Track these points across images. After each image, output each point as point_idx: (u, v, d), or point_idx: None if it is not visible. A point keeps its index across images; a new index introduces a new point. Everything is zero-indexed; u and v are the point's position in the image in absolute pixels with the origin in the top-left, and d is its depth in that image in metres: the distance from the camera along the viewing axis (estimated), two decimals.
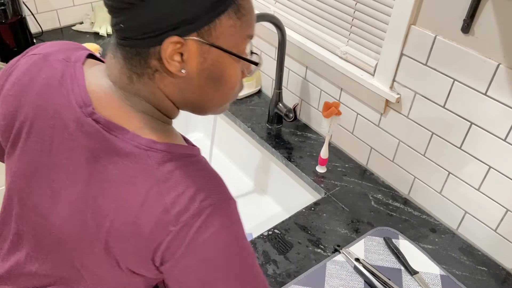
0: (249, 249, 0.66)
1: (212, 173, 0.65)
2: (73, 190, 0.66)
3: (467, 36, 0.96)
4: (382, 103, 1.20)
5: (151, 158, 0.62)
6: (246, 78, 0.82)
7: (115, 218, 0.63)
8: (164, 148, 0.63)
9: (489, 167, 1.04)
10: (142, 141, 0.62)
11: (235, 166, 1.65)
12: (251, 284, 0.65)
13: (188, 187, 0.61)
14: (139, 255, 0.63)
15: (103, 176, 0.63)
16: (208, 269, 0.62)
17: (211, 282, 0.62)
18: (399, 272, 1.03)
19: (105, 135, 0.63)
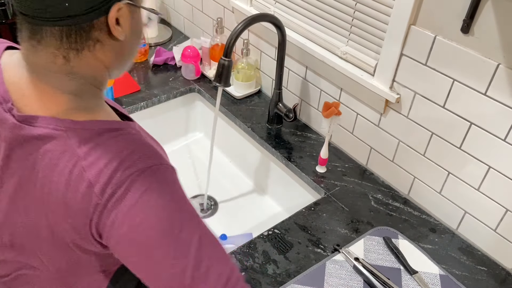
0: (187, 213, 0.66)
1: (138, 143, 0.67)
2: (9, 185, 0.69)
3: (467, 36, 0.97)
4: (382, 103, 1.20)
5: (71, 138, 0.64)
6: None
7: (48, 203, 0.65)
8: (84, 127, 0.65)
9: (488, 167, 1.04)
10: (61, 123, 0.65)
11: (235, 166, 1.65)
12: (192, 248, 0.64)
13: (111, 159, 0.63)
14: (80, 232, 0.65)
15: (29, 164, 0.66)
16: (139, 234, 0.62)
17: (146, 248, 0.63)
18: (399, 272, 1.04)
19: (23, 126, 0.65)
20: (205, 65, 1.73)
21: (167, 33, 2.01)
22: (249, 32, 1.59)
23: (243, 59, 1.58)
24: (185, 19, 1.97)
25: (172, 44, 1.93)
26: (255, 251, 1.08)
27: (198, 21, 1.87)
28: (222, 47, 1.61)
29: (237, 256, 1.06)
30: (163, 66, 1.77)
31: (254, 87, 1.65)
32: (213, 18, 1.76)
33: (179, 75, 1.73)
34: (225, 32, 1.67)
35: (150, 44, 1.83)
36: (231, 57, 1.20)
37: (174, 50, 1.79)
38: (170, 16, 2.09)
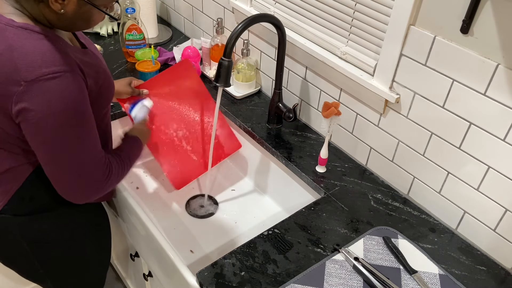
0: (82, 117, 0.92)
1: (58, 50, 0.88)
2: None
3: (466, 37, 0.97)
4: (382, 103, 1.21)
5: (8, 30, 0.87)
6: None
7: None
8: (20, 25, 0.88)
9: (488, 167, 1.04)
10: (3, 19, 0.88)
11: (235, 166, 1.65)
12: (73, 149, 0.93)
13: (35, 55, 0.86)
14: (1, 102, 0.88)
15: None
16: (42, 118, 0.87)
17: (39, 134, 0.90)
18: (398, 272, 1.04)
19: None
20: (205, 65, 1.74)
21: (167, 33, 2.01)
22: (249, 32, 1.59)
23: (243, 59, 1.59)
24: (185, 20, 1.97)
25: (173, 44, 1.93)
26: (255, 251, 1.08)
27: (198, 22, 1.87)
28: (222, 47, 1.61)
29: (237, 256, 1.07)
30: (163, 66, 1.77)
31: (254, 87, 1.65)
32: (213, 18, 1.76)
33: None
34: (225, 33, 1.68)
35: (150, 44, 1.84)
36: (231, 57, 1.21)
37: (175, 50, 1.80)
38: (170, 16, 2.09)
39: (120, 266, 1.85)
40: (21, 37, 0.87)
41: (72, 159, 0.94)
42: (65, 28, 0.94)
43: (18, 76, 0.85)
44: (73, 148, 0.93)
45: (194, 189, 1.56)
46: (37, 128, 0.89)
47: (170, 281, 1.22)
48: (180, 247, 1.35)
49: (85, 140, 0.95)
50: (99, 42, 1.90)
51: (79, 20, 0.92)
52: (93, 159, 0.97)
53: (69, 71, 0.89)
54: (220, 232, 1.41)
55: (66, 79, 0.88)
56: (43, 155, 0.94)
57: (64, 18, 0.90)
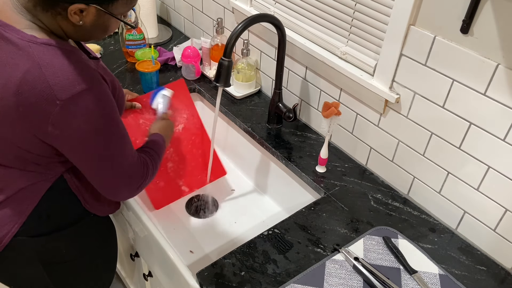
0: (117, 126, 0.94)
1: (85, 65, 0.89)
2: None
3: (466, 37, 0.97)
4: (382, 103, 1.21)
5: (32, 47, 0.85)
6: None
7: (3, 92, 0.86)
8: (43, 42, 0.86)
9: (488, 167, 1.04)
10: (25, 36, 0.86)
11: (235, 166, 1.65)
12: (115, 148, 0.95)
13: (65, 72, 0.85)
14: (30, 120, 0.87)
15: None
16: (76, 135, 0.88)
17: (79, 145, 0.91)
18: (398, 271, 1.04)
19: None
20: (205, 65, 1.74)
21: (167, 33, 2.01)
22: (249, 32, 1.59)
23: (243, 59, 1.59)
24: (185, 20, 1.97)
25: (173, 44, 1.93)
26: (255, 251, 1.08)
27: (198, 22, 1.87)
28: (222, 47, 1.61)
29: (237, 256, 1.07)
30: (163, 66, 1.77)
31: (254, 87, 1.65)
32: (213, 18, 1.76)
33: (180, 75, 1.74)
34: (225, 33, 1.68)
35: (150, 44, 1.84)
36: (231, 57, 1.21)
37: (175, 50, 1.80)
38: (170, 16, 2.09)
39: (120, 266, 1.85)
40: (47, 54, 0.85)
41: (115, 164, 0.96)
42: (81, 38, 0.94)
43: (53, 95, 0.84)
44: (115, 153, 0.95)
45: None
46: (80, 144, 0.91)
47: (170, 281, 1.22)
48: (180, 247, 1.35)
49: (124, 143, 0.97)
50: (99, 42, 1.90)
51: (96, 30, 0.92)
52: (132, 160, 1.00)
53: (98, 83, 0.89)
54: (220, 232, 1.41)
55: (98, 92, 0.89)
56: (85, 166, 0.96)
57: (82, 29, 0.90)
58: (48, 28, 0.89)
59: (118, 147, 0.95)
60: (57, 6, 0.85)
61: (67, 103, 0.85)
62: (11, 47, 0.86)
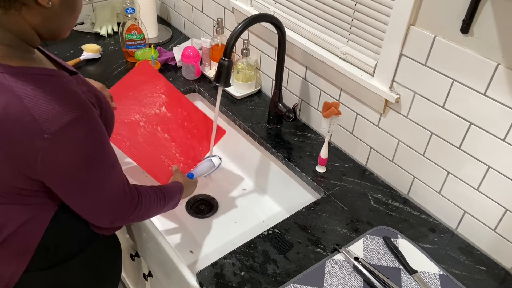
0: (107, 154, 0.88)
1: (69, 91, 0.81)
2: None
3: (466, 37, 0.97)
4: (382, 103, 1.21)
5: (8, 79, 0.77)
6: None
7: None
8: (19, 71, 0.78)
9: (488, 167, 1.04)
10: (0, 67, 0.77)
11: (235, 166, 1.65)
12: (100, 180, 0.89)
13: (50, 102, 0.77)
14: (16, 157, 0.79)
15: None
16: (65, 167, 0.82)
17: (72, 174, 0.84)
18: (398, 271, 1.04)
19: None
20: (205, 65, 1.74)
21: (167, 33, 2.01)
22: (249, 32, 1.59)
23: (243, 59, 1.59)
24: (185, 20, 1.97)
25: (172, 44, 1.94)
26: (255, 251, 1.08)
27: (198, 22, 1.87)
28: (222, 47, 1.61)
29: (237, 256, 1.07)
30: (163, 66, 1.77)
31: (254, 87, 1.65)
32: (213, 18, 1.76)
33: (180, 75, 1.74)
34: (225, 33, 1.68)
35: (150, 44, 1.84)
36: (231, 57, 1.21)
37: (175, 50, 1.80)
38: (170, 16, 2.09)
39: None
40: (26, 84, 0.77)
41: (101, 191, 0.90)
42: (54, 31, 0.84)
43: (39, 128, 0.76)
44: (105, 183, 0.90)
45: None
46: (67, 176, 0.84)
47: (170, 281, 1.22)
48: (180, 247, 1.35)
49: (112, 172, 0.91)
50: (99, 42, 1.90)
51: (65, 12, 0.82)
52: (119, 189, 0.93)
53: (88, 109, 0.82)
54: (220, 232, 1.41)
55: (88, 119, 0.82)
56: (70, 195, 0.89)
57: (51, 16, 0.80)
58: (18, 37, 0.80)
59: (107, 176, 0.90)
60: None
61: (57, 136, 0.77)
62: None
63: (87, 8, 2.02)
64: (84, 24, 2.00)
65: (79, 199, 0.90)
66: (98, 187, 0.89)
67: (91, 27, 1.99)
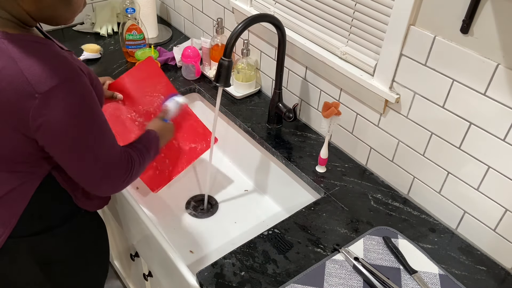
0: (98, 117, 0.93)
1: (61, 56, 0.87)
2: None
3: (466, 37, 0.97)
4: (382, 103, 1.21)
5: (4, 44, 0.84)
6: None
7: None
8: (16, 37, 0.85)
9: (488, 167, 1.04)
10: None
11: (235, 166, 1.65)
12: (93, 139, 0.93)
13: (42, 65, 0.84)
14: (10, 117, 0.86)
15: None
16: (56, 127, 0.87)
17: (58, 137, 0.89)
18: (398, 271, 1.04)
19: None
20: (205, 65, 1.74)
21: (167, 33, 2.01)
22: (249, 32, 1.59)
23: (243, 59, 1.59)
24: (185, 20, 1.97)
25: (172, 44, 1.94)
26: (255, 251, 1.08)
27: (198, 22, 1.87)
28: (222, 47, 1.61)
29: (237, 256, 1.07)
30: (163, 66, 1.77)
31: (254, 87, 1.65)
32: (213, 18, 1.76)
33: (180, 75, 1.74)
34: (225, 33, 1.68)
35: (150, 44, 1.84)
36: (231, 57, 1.21)
37: (175, 50, 1.80)
38: (170, 16, 2.09)
39: (120, 266, 1.85)
40: (21, 49, 0.84)
41: (95, 155, 0.94)
42: (48, 18, 0.90)
43: (31, 88, 0.83)
44: (96, 145, 0.94)
45: (194, 189, 1.56)
46: (61, 136, 0.89)
47: (170, 281, 1.22)
48: (180, 247, 1.35)
49: (104, 135, 0.95)
50: (99, 42, 1.90)
51: (60, 4, 0.88)
52: (113, 152, 0.98)
53: (77, 74, 0.88)
54: (220, 232, 1.41)
55: (77, 83, 0.87)
56: (65, 159, 0.94)
57: (45, 6, 0.87)
58: (13, 17, 0.87)
59: (98, 138, 0.94)
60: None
61: (46, 96, 0.84)
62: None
63: (87, 8, 2.02)
64: (84, 24, 2.00)
65: (74, 162, 0.94)
66: (91, 149, 0.93)
67: (91, 27, 1.99)
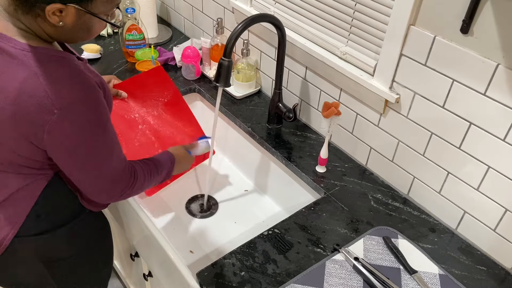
0: (109, 133, 0.95)
1: (80, 72, 0.90)
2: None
3: (466, 37, 0.97)
4: (382, 103, 1.21)
5: (27, 57, 0.86)
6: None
7: (1, 100, 0.86)
8: (37, 51, 0.87)
9: (488, 167, 1.04)
10: (18, 44, 0.86)
11: (235, 166, 1.65)
12: (104, 149, 0.95)
13: (62, 81, 0.86)
14: (26, 128, 0.88)
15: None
16: (68, 142, 0.90)
17: (75, 147, 0.91)
18: (398, 271, 1.04)
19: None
20: (205, 65, 1.74)
21: (167, 33, 2.01)
22: (249, 32, 1.59)
23: (243, 59, 1.59)
24: (185, 20, 1.97)
25: (172, 44, 1.93)
26: (255, 251, 1.08)
27: (198, 22, 1.87)
28: (222, 47, 1.61)
29: (237, 256, 1.07)
30: (163, 66, 1.76)
31: (254, 87, 1.65)
32: (213, 18, 1.76)
33: (180, 75, 1.74)
34: (225, 33, 1.68)
35: (150, 44, 1.83)
36: (231, 57, 1.21)
37: (175, 50, 1.80)
38: (170, 16, 2.09)
39: (120, 266, 1.85)
40: (42, 63, 0.86)
41: (100, 167, 0.96)
42: (66, 40, 0.93)
43: (50, 103, 0.84)
44: (103, 161, 0.96)
45: (194, 189, 1.56)
46: (71, 151, 0.92)
47: (170, 281, 1.22)
48: (180, 247, 1.35)
49: (113, 151, 0.98)
50: (99, 42, 1.90)
51: (79, 31, 0.91)
52: (118, 166, 0.99)
53: (95, 90, 0.90)
54: (220, 232, 1.41)
55: (94, 99, 0.90)
56: (70, 170, 0.96)
57: (64, 31, 0.89)
58: (33, 32, 0.89)
59: (106, 155, 0.96)
60: (35, 7, 0.84)
61: (64, 112, 0.86)
62: (5, 56, 0.86)
63: None
64: None
65: (81, 173, 0.96)
66: (99, 163, 0.96)
67: None
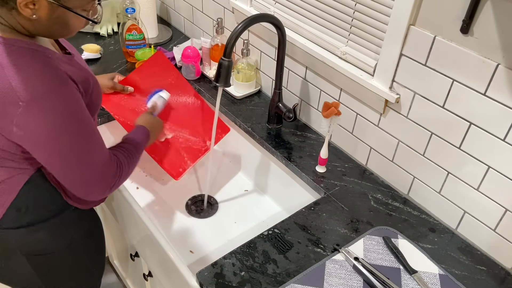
0: (83, 127, 0.93)
1: (49, 65, 0.88)
2: None
3: (466, 37, 0.97)
4: (382, 103, 1.21)
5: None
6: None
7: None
8: (7, 42, 0.86)
9: (488, 167, 1.04)
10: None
11: (235, 166, 1.65)
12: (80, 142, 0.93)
13: (28, 73, 0.84)
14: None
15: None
16: (36, 135, 0.87)
17: (38, 144, 0.89)
18: (398, 271, 1.04)
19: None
20: (205, 65, 1.74)
21: (167, 33, 2.01)
22: (249, 32, 1.59)
23: (243, 59, 1.59)
24: (185, 20, 1.97)
25: (173, 44, 1.93)
26: (255, 250, 1.08)
27: (198, 22, 1.87)
28: (222, 47, 1.61)
29: (237, 256, 1.07)
30: None
31: (254, 87, 1.65)
32: (213, 18, 1.76)
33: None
34: (225, 33, 1.68)
35: (150, 44, 1.83)
36: (231, 57, 1.21)
37: (175, 50, 1.80)
38: (170, 16, 2.09)
39: (120, 266, 1.85)
40: (10, 54, 0.85)
41: (82, 163, 0.95)
42: (44, 35, 0.91)
43: (15, 95, 0.83)
44: (81, 153, 0.94)
45: (194, 189, 1.56)
46: (43, 145, 0.90)
47: (170, 281, 1.22)
48: (180, 247, 1.35)
49: (91, 143, 0.96)
50: (99, 42, 1.90)
51: (55, 25, 0.88)
52: (102, 159, 0.98)
53: (64, 83, 0.88)
54: (220, 232, 1.41)
55: (62, 92, 0.88)
56: (52, 166, 0.95)
57: (39, 25, 0.87)
58: (10, 25, 0.87)
59: (84, 147, 0.94)
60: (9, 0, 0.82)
61: (30, 105, 0.84)
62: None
63: None
64: None
65: (58, 168, 0.94)
66: (75, 159, 0.93)
67: (91, 27, 1.98)
